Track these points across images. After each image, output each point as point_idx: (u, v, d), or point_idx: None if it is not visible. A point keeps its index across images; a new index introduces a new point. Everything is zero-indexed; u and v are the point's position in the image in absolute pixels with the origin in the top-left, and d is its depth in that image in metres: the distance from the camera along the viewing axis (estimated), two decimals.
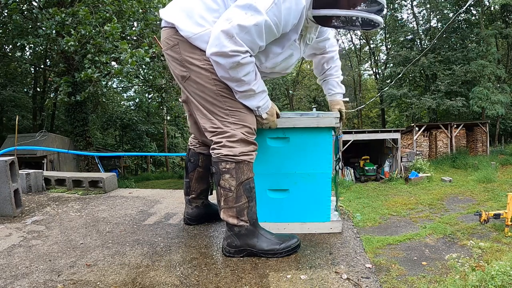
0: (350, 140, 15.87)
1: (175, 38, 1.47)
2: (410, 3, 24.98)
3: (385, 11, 1.57)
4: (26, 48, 15.58)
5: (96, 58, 8.42)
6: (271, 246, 1.47)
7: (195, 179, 1.80)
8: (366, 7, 1.42)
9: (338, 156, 1.92)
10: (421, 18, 25.12)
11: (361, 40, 29.75)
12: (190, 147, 1.82)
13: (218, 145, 1.46)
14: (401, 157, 16.33)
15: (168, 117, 25.84)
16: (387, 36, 27.46)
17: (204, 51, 1.44)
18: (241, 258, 1.46)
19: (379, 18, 1.45)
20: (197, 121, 1.58)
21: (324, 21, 1.47)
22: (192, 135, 1.82)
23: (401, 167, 16.11)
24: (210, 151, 1.52)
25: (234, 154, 1.43)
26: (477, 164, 15.78)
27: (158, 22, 9.87)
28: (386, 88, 21.68)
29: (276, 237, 1.51)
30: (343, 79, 2.00)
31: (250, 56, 1.40)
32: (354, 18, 1.44)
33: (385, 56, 29.04)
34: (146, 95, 23.44)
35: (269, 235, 1.50)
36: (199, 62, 1.45)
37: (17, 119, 6.38)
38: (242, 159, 1.44)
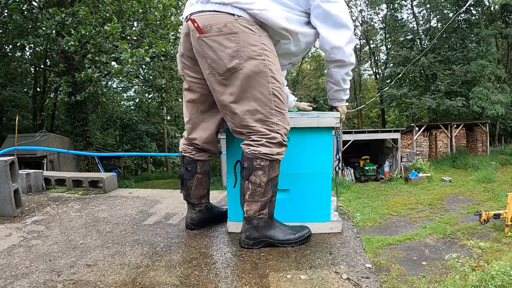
0: (350, 140, 15.87)
1: (236, 26, 1.39)
2: (410, 3, 25.00)
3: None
4: (26, 48, 15.60)
5: (96, 58, 8.43)
6: (287, 236, 1.55)
7: (195, 186, 1.72)
8: None
9: (338, 157, 1.92)
10: (421, 18, 25.14)
11: (361, 40, 29.74)
12: (185, 154, 1.70)
13: (256, 143, 1.46)
14: (401, 157, 16.33)
15: (168, 117, 25.89)
16: (387, 36, 27.48)
17: (267, 45, 1.44)
18: (241, 258, 1.46)
19: None
20: (228, 123, 1.56)
21: None
22: (185, 141, 1.70)
23: (401, 167, 16.11)
24: (243, 147, 1.50)
25: (271, 153, 1.45)
26: (477, 164, 15.77)
27: (158, 22, 9.87)
28: (386, 88, 21.68)
29: (290, 228, 1.58)
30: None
31: None
32: None
33: (385, 56, 29.06)
34: (146, 95, 23.45)
35: (283, 227, 1.57)
36: (260, 57, 1.41)
37: (17, 119, 6.39)
38: (276, 158, 1.48)
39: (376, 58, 30.57)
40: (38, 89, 22.26)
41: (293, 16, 1.53)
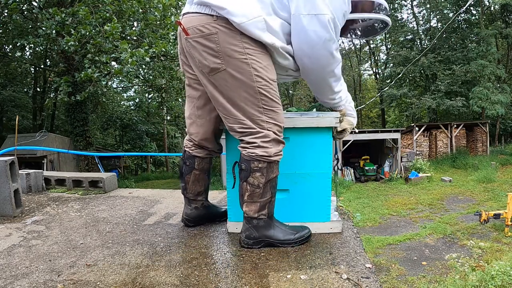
0: (350, 140, 15.87)
1: (214, 27, 1.37)
2: (410, 3, 25.01)
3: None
4: (26, 48, 15.61)
5: (96, 58, 8.42)
6: (287, 236, 1.54)
7: (192, 181, 1.74)
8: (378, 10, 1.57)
9: (336, 156, 1.92)
10: (421, 18, 25.16)
11: (361, 40, 29.74)
12: (186, 149, 1.74)
13: (251, 145, 1.45)
14: (401, 157, 16.33)
15: (168, 117, 25.88)
16: (387, 36, 27.44)
17: (250, 43, 1.38)
18: (241, 258, 1.46)
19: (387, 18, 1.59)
20: (222, 120, 1.54)
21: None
22: (188, 136, 1.74)
23: (401, 167, 16.11)
24: (240, 149, 1.49)
25: (268, 155, 1.44)
26: (477, 164, 15.78)
27: (158, 22, 9.87)
28: (386, 88, 21.68)
29: (290, 228, 1.58)
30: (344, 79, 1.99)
31: None
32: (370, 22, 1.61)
33: (385, 56, 29.07)
34: (146, 95, 23.45)
35: (283, 227, 1.57)
36: (241, 56, 1.38)
37: (17, 119, 6.38)
38: (274, 159, 1.46)
39: (376, 58, 30.58)
40: (38, 89, 22.25)
41: (275, 26, 1.42)
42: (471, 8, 21.41)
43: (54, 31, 8.28)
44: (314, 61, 1.46)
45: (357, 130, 1.91)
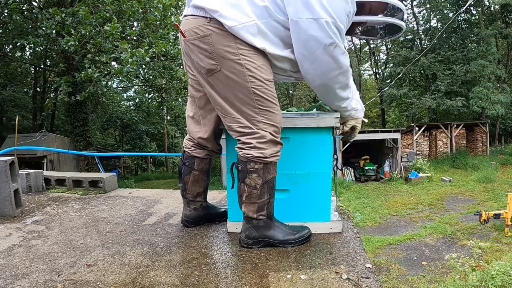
0: None
1: (208, 29, 1.39)
2: (410, 3, 24.98)
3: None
4: (26, 48, 15.59)
5: (96, 58, 8.44)
6: (287, 237, 1.54)
7: (191, 182, 1.74)
8: (390, 14, 1.54)
9: (335, 156, 1.92)
10: (421, 18, 25.15)
11: (361, 40, 29.74)
12: (185, 149, 1.75)
13: (247, 146, 1.45)
14: (401, 157, 16.33)
15: (168, 117, 25.92)
16: None
17: (244, 43, 1.38)
18: (242, 258, 1.46)
19: (402, 23, 1.57)
20: (221, 119, 1.55)
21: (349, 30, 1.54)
22: (188, 136, 1.75)
23: (401, 167, 16.11)
24: (237, 150, 1.49)
25: (264, 156, 1.44)
26: (477, 164, 15.78)
27: (158, 22, 9.88)
28: (386, 88, 21.69)
29: (290, 228, 1.58)
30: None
31: None
32: (380, 25, 1.60)
33: (385, 56, 29.07)
34: (146, 95, 23.45)
35: (283, 227, 1.57)
36: (234, 57, 1.39)
37: (17, 119, 6.37)
38: (271, 161, 1.46)
39: (376, 58, 30.58)
40: (38, 89, 22.23)
41: (269, 30, 1.41)
42: (471, 8, 21.42)
43: (54, 31, 8.30)
44: (316, 67, 1.43)
45: (365, 119, 1.88)
